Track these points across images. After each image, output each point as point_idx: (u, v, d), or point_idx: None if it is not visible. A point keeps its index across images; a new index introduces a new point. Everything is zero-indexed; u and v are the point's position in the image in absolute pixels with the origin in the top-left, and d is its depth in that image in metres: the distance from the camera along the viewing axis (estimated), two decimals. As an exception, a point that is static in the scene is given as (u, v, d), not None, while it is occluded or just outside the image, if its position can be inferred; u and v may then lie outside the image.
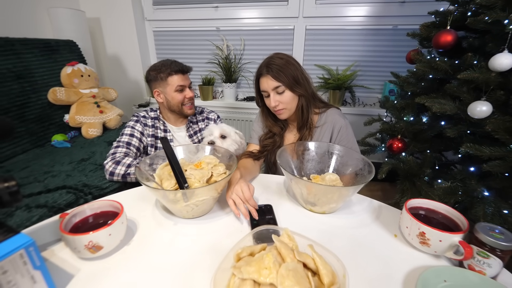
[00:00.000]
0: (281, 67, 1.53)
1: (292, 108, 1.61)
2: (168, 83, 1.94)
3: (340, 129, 1.63)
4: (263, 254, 0.72)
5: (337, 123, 1.63)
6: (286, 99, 1.56)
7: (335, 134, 1.64)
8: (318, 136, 1.67)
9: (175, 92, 1.94)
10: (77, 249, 0.86)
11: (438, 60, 1.92)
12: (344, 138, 1.63)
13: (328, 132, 1.65)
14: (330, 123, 1.65)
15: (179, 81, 1.93)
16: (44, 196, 1.80)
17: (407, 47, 2.87)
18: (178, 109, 2.00)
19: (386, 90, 3.36)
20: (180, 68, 1.93)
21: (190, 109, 2.03)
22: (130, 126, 1.96)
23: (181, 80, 1.94)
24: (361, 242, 1.00)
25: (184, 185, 1.07)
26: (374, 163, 1.17)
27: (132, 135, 1.93)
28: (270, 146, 1.76)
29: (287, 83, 1.53)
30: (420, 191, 1.93)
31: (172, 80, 1.93)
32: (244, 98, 3.91)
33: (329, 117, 1.66)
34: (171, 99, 1.96)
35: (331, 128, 1.65)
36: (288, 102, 1.58)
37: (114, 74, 4.14)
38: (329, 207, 1.14)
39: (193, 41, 3.90)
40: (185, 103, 1.99)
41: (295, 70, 1.54)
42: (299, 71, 1.56)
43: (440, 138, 2.05)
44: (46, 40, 2.84)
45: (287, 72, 1.52)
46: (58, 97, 2.74)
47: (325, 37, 3.46)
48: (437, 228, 0.88)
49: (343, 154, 1.34)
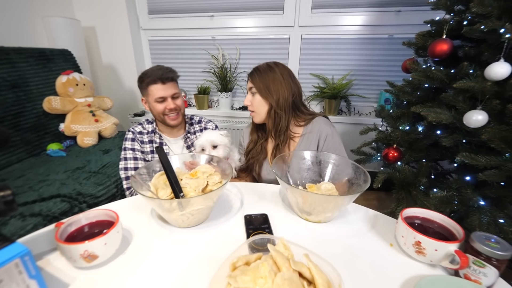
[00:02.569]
0: (260, 72, 1.64)
1: (261, 113, 1.69)
2: (149, 93, 1.84)
3: (326, 137, 1.64)
4: (258, 263, 0.72)
5: (323, 131, 1.65)
6: (256, 102, 1.67)
7: (321, 142, 1.66)
8: (305, 145, 1.69)
9: (156, 102, 1.84)
10: (72, 258, 0.86)
11: (434, 69, 1.93)
12: (331, 146, 1.64)
13: (314, 141, 1.67)
14: (316, 132, 1.67)
15: (158, 92, 1.82)
16: (38, 204, 1.80)
17: (402, 56, 2.89)
18: (160, 119, 1.90)
19: (381, 99, 3.37)
20: (158, 77, 1.79)
21: (173, 120, 1.90)
22: (130, 148, 1.89)
23: (160, 90, 1.82)
24: (356, 251, 1.00)
25: (180, 194, 1.07)
26: (370, 172, 1.18)
27: (136, 158, 1.88)
28: (253, 155, 1.83)
29: (258, 87, 1.64)
30: (415, 200, 1.93)
31: (152, 90, 1.82)
32: (239, 107, 3.91)
33: (315, 126, 1.68)
34: (153, 109, 1.88)
35: (317, 137, 1.67)
36: (257, 106, 1.68)
37: (110, 83, 4.14)
38: (325, 216, 1.15)
39: (189, 50, 3.91)
40: (167, 113, 1.87)
41: (272, 79, 1.62)
42: (277, 82, 1.62)
43: (436, 147, 2.06)
44: (41, 49, 2.85)
45: (262, 78, 1.63)
46: (53, 106, 2.75)
47: (321, 46, 3.49)
48: (433, 237, 0.89)
49: (338, 163, 1.34)
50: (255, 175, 1.87)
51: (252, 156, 1.85)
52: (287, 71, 1.67)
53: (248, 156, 1.87)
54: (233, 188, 1.45)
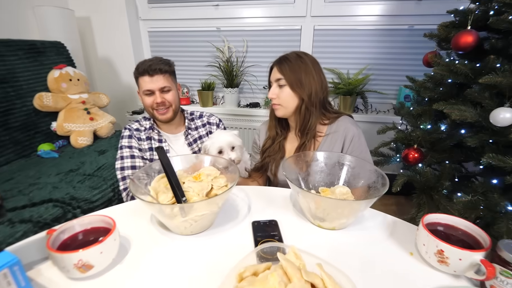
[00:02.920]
0: (291, 62, 1.61)
1: (289, 107, 1.66)
2: (138, 85, 1.89)
3: (353, 138, 1.63)
4: (267, 274, 0.72)
5: (349, 132, 1.64)
6: (284, 96, 1.63)
7: (347, 143, 1.64)
8: (329, 145, 1.68)
9: (145, 95, 1.87)
10: (65, 268, 0.86)
11: (457, 63, 1.92)
12: (356, 148, 1.63)
13: (339, 141, 1.66)
14: (341, 132, 1.66)
15: (146, 85, 1.84)
16: (28, 210, 1.81)
17: (424, 49, 2.86)
18: (150, 113, 1.94)
19: (401, 95, 3.36)
20: (145, 69, 1.81)
21: (161, 115, 1.90)
22: (127, 146, 1.89)
23: (148, 83, 1.84)
24: (374, 260, 1.00)
25: (182, 199, 1.07)
26: (388, 175, 1.18)
27: (133, 156, 1.87)
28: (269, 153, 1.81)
29: (289, 79, 1.60)
30: (438, 205, 1.93)
31: (140, 83, 1.86)
32: (247, 104, 3.90)
33: (340, 126, 1.67)
34: (143, 103, 1.92)
35: (343, 137, 1.65)
36: (285, 100, 1.64)
37: (106, 78, 4.15)
38: (339, 223, 1.14)
39: (192, 43, 3.91)
40: (155, 107, 1.88)
41: (304, 71, 1.59)
42: (309, 74, 1.59)
43: (460, 148, 2.05)
44: (31, 41, 2.86)
45: (293, 69, 1.59)
46: (45, 103, 2.76)
47: (335, 38, 3.48)
48: (457, 245, 0.88)
49: (354, 165, 1.34)
50: (271, 175, 1.86)
51: (268, 154, 1.83)
52: (317, 63, 1.66)
53: (264, 155, 1.85)
54: (240, 192, 1.45)
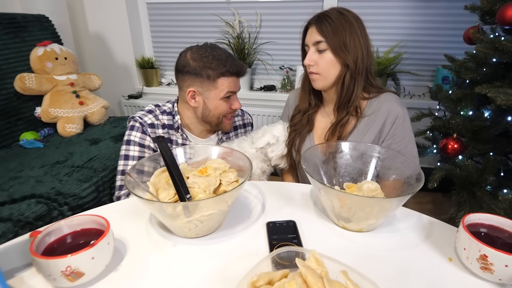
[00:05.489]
0: (333, 22, 1.54)
1: (329, 76, 1.61)
2: (216, 86, 1.72)
3: (396, 119, 1.58)
4: (284, 283, 0.72)
5: (392, 111, 1.58)
6: (325, 62, 1.58)
7: (387, 125, 1.59)
8: (364, 128, 1.63)
9: (221, 100, 1.74)
10: (52, 276, 0.85)
11: (503, 40, 1.89)
12: (399, 132, 1.58)
13: (378, 123, 1.61)
14: (383, 111, 1.60)
15: (230, 86, 1.74)
16: (8, 207, 1.81)
17: (465, 23, 2.83)
18: (216, 121, 1.82)
19: (438, 77, 3.34)
20: (238, 70, 1.74)
21: (230, 125, 1.89)
22: (138, 143, 1.77)
23: (233, 85, 1.76)
24: (407, 267, 1.00)
25: (186, 196, 1.07)
26: (424, 169, 1.17)
27: (142, 158, 1.71)
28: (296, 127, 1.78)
29: (332, 42, 1.53)
30: (481, 203, 1.92)
31: (223, 84, 1.72)
32: (261, 87, 3.88)
33: (383, 104, 1.62)
34: (213, 108, 1.77)
35: (384, 118, 1.60)
36: (325, 67, 1.59)
37: (98, 56, 4.15)
38: (367, 224, 1.14)
39: (197, 16, 3.88)
40: (228, 115, 1.83)
41: (350, 33, 1.54)
42: (355, 36, 1.55)
43: (506, 138, 2.03)
44: (11, 15, 2.87)
45: (337, 30, 1.53)
46: (27, 86, 2.77)
47: (362, 10, 3.34)
48: (503, 250, 0.87)
49: (385, 156, 1.32)
50: (294, 151, 1.80)
51: (295, 128, 1.80)
52: (362, 22, 1.61)
53: (290, 130, 1.81)
54: (252, 188, 1.44)
